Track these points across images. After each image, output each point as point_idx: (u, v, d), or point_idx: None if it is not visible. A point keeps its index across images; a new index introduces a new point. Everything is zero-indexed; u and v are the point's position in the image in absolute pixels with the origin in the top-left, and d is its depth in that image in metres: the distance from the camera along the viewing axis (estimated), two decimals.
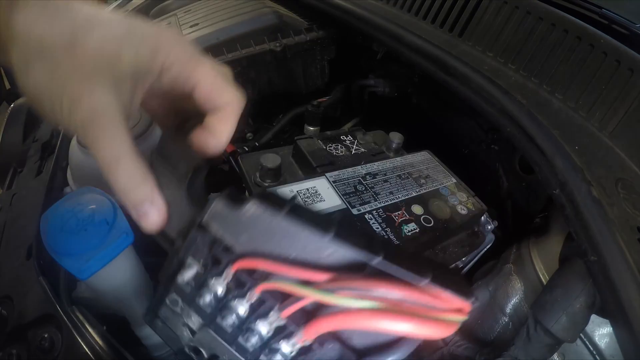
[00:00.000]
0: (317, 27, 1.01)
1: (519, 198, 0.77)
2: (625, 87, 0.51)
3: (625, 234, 0.42)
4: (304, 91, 1.07)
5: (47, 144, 0.78)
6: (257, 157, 0.56)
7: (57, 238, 0.42)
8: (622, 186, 0.47)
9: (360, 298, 0.24)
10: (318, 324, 0.25)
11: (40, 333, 0.44)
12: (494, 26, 0.64)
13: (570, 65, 0.55)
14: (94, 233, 0.43)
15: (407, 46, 0.71)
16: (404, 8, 0.80)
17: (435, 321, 0.25)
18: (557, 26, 0.58)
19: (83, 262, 0.42)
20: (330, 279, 0.26)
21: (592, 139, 0.51)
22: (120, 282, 0.51)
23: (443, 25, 0.72)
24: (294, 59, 0.98)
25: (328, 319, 0.25)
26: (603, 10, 0.76)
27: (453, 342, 0.48)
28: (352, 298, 0.24)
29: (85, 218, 0.44)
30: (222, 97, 0.33)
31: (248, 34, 0.92)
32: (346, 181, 0.55)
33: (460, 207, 0.56)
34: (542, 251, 0.60)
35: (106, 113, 0.26)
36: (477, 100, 0.59)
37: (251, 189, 0.55)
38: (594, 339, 0.51)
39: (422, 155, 0.66)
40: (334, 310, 0.25)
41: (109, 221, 0.44)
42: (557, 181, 0.48)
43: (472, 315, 0.32)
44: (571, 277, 0.47)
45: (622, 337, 0.41)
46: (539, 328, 0.46)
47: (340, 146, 0.63)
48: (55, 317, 0.45)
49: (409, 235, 0.49)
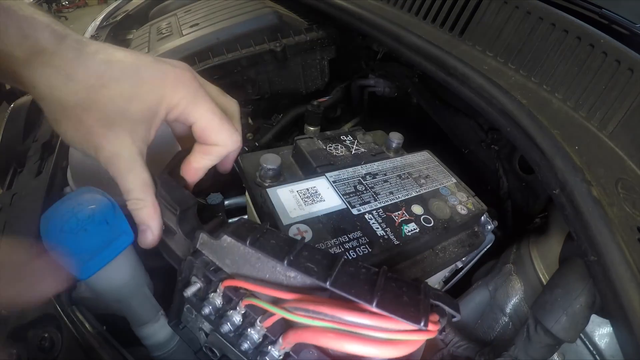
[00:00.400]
0: (317, 27, 1.01)
1: (519, 198, 0.77)
2: (625, 87, 0.51)
3: (625, 234, 0.42)
4: (304, 91, 1.07)
5: (47, 144, 0.78)
6: (257, 157, 0.56)
7: (57, 238, 0.42)
8: (622, 186, 0.47)
9: (311, 319, 0.29)
10: (290, 334, 0.30)
11: (40, 333, 0.44)
12: (494, 26, 0.64)
13: (570, 65, 0.55)
14: (94, 233, 0.43)
15: (407, 46, 0.71)
16: (404, 8, 0.80)
17: (386, 342, 0.28)
18: (557, 26, 0.58)
19: (83, 262, 0.42)
20: (296, 298, 0.31)
21: (592, 139, 0.51)
22: (120, 282, 0.51)
23: (443, 25, 0.72)
24: (293, 59, 0.98)
25: (296, 332, 0.30)
26: (603, 10, 0.76)
27: (453, 343, 0.48)
28: (305, 318, 0.29)
29: (85, 218, 0.44)
30: (211, 138, 0.39)
31: (248, 34, 0.92)
32: (346, 181, 0.55)
33: (460, 207, 0.56)
34: (542, 251, 0.60)
35: (124, 155, 0.34)
36: (477, 100, 0.59)
37: (251, 189, 0.55)
38: (594, 339, 0.51)
39: (422, 155, 0.66)
40: (299, 326, 0.30)
41: (109, 221, 0.44)
42: (557, 181, 0.48)
43: (449, 328, 0.34)
44: (571, 277, 0.47)
45: (622, 337, 0.41)
46: (539, 328, 0.46)
47: (340, 146, 0.63)
48: (55, 317, 0.45)
49: (409, 235, 0.49)
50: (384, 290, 0.29)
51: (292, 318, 0.30)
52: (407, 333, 0.28)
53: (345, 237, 0.46)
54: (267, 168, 0.53)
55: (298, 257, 0.32)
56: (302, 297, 0.31)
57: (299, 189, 0.52)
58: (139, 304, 0.54)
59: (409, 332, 0.28)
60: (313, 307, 0.30)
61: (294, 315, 0.30)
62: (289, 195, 0.50)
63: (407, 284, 0.32)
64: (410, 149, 0.68)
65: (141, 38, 1.02)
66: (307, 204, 0.49)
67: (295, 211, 0.48)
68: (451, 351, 0.49)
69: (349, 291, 0.29)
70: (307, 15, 1.09)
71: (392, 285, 0.31)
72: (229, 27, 0.91)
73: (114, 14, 1.48)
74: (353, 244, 0.46)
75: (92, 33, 1.35)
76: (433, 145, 0.71)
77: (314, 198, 0.51)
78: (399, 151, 0.66)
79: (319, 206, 0.50)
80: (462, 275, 0.65)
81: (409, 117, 1.13)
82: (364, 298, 0.28)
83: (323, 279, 0.29)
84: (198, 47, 0.89)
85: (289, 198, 0.50)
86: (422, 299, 0.30)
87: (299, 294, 0.31)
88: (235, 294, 0.33)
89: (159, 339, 0.56)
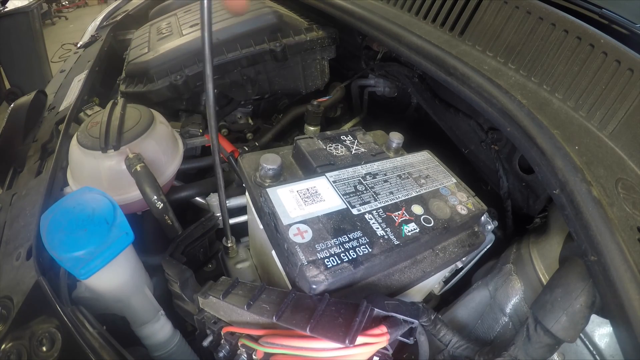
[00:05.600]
0: (317, 27, 1.01)
1: (519, 198, 0.77)
2: (625, 87, 0.51)
3: (625, 234, 0.42)
4: (304, 91, 1.07)
5: (47, 144, 0.78)
6: (257, 157, 0.56)
7: (57, 238, 0.42)
8: (622, 186, 0.47)
9: (273, 348, 0.38)
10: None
11: (40, 332, 0.44)
12: (494, 26, 0.64)
13: (570, 65, 0.55)
14: (94, 233, 0.43)
15: (407, 46, 0.71)
16: (404, 8, 0.80)
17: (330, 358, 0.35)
18: (557, 26, 0.57)
19: (83, 262, 0.42)
20: (265, 333, 0.40)
21: (592, 139, 0.51)
22: (120, 282, 0.51)
23: (443, 25, 0.72)
24: (293, 58, 0.98)
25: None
26: (603, 10, 0.76)
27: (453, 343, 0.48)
28: (270, 349, 0.38)
29: (85, 218, 0.44)
30: None
31: (248, 33, 0.92)
32: (346, 181, 0.55)
33: (460, 207, 0.56)
34: (542, 251, 0.60)
35: None
36: (477, 100, 0.59)
37: (251, 189, 0.55)
38: (594, 339, 0.51)
39: (422, 155, 0.65)
40: (274, 355, 0.39)
41: (109, 221, 0.44)
42: (557, 181, 0.48)
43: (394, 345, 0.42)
44: (571, 277, 0.47)
45: (622, 337, 0.41)
46: (539, 328, 0.46)
47: (340, 146, 0.63)
48: (55, 317, 0.45)
49: (409, 235, 0.49)
50: (322, 315, 0.37)
51: (262, 349, 0.39)
52: (341, 350, 0.35)
53: (345, 237, 0.46)
54: (267, 168, 0.53)
55: (256, 301, 0.41)
56: (269, 331, 0.39)
57: (299, 188, 0.52)
58: (139, 303, 0.54)
59: (341, 349, 0.35)
60: (271, 339, 0.38)
61: (263, 348, 0.39)
62: (289, 195, 0.50)
63: (347, 307, 0.38)
64: (410, 149, 0.68)
65: (141, 38, 1.02)
66: (307, 203, 0.49)
67: (295, 211, 0.48)
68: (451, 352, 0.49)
69: (291, 322, 0.36)
70: (307, 15, 1.09)
71: (332, 309, 0.38)
72: (229, 27, 0.91)
73: (114, 14, 1.49)
74: (353, 244, 0.46)
75: (92, 33, 1.35)
76: (433, 145, 0.71)
77: (314, 198, 0.51)
78: (399, 151, 0.66)
79: (319, 206, 0.49)
80: (462, 275, 0.65)
81: (409, 117, 1.13)
82: (300, 325, 0.35)
83: (271, 316, 0.38)
84: (198, 47, 0.88)
85: (289, 198, 0.50)
86: (358, 318, 0.35)
87: (268, 329, 0.40)
88: (232, 337, 0.44)
89: (159, 338, 0.56)
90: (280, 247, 0.47)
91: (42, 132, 0.83)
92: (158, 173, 0.65)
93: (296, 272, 0.43)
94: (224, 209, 0.62)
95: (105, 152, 0.60)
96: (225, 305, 0.44)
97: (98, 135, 0.61)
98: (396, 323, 0.38)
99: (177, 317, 0.58)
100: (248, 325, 0.42)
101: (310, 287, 0.41)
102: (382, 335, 0.36)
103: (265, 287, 0.43)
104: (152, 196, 0.58)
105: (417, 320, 0.40)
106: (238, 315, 0.43)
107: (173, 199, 0.74)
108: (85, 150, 0.61)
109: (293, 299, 0.39)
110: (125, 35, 1.33)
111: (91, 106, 0.87)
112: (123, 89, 0.90)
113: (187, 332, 0.63)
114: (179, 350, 0.58)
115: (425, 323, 0.44)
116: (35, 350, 0.43)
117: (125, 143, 0.62)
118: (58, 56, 3.76)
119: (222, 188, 0.57)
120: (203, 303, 0.48)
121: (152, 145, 0.65)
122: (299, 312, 0.37)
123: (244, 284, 0.46)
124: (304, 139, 0.62)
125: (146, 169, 0.58)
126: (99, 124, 0.63)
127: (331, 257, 0.43)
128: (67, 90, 0.97)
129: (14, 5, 2.41)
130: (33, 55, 2.55)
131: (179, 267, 0.53)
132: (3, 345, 0.43)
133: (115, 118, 0.65)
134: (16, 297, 0.47)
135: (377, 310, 0.37)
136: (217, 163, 0.54)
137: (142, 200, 0.59)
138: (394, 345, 0.40)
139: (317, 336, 0.35)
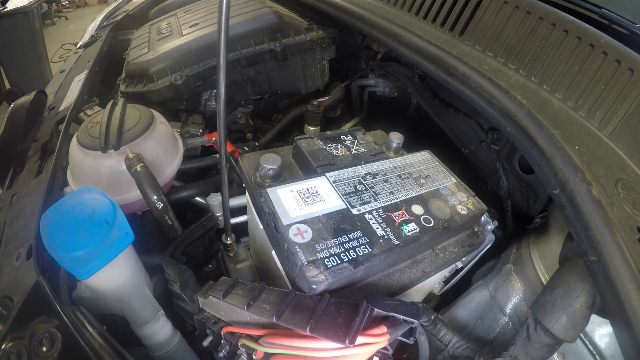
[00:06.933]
0: (317, 27, 1.01)
1: (519, 198, 0.77)
2: (625, 87, 0.51)
3: (625, 234, 0.42)
4: (304, 91, 1.07)
5: (47, 144, 0.78)
6: (257, 157, 0.56)
7: (57, 238, 0.42)
8: (622, 186, 0.47)
9: (273, 348, 0.38)
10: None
11: (40, 332, 0.44)
12: (494, 26, 0.64)
13: (570, 65, 0.55)
14: (94, 233, 0.43)
15: (407, 46, 0.71)
16: (404, 8, 0.80)
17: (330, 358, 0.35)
18: (557, 26, 0.57)
19: (83, 262, 0.42)
20: (265, 333, 0.40)
21: (592, 139, 0.51)
22: (120, 282, 0.51)
23: (443, 25, 0.72)
24: (293, 58, 0.98)
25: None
26: (603, 10, 0.76)
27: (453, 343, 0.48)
28: (271, 349, 0.38)
29: (85, 218, 0.44)
30: None
31: (248, 33, 0.92)
32: (346, 181, 0.55)
33: (460, 207, 0.56)
34: (542, 251, 0.60)
35: None
36: (477, 100, 0.59)
37: (251, 189, 0.55)
38: (594, 339, 0.51)
39: (422, 155, 0.65)
40: (274, 355, 0.39)
41: (109, 221, 0.44)
42: (557, 181, 0.48)
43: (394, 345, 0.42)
44: (571, 277, 0.47)
45: (622, 337, 0.41)
46: (539, 328, 0.46)
47: (340, 146, 0.63)
48: (55, 317, 0.45)
49: (409, 235, 0.49)
50: (322, 315, 0.36)
51: (262, 349, 0.39)
52: (341, 350, 0.35)
53: (345, 237, 0.46)
54: (267, 168, 0.53)
55: (256, 301, 0.41)
56: (268, 331, 0.39)
57: (299, 188, 0.52)
58: (139, 303, 0.54)
59: (341, 349, 0.35)
60: (271, 339, 0.38)
61: (263, 348, 0.39)
62: (289, 195, 0.50)
63: (347, 306, 0.38)
64: (410, 149, 0.68)
65: (141, 38, 1.02)
66: (307, 203, 0.49)
67: (296, 211, 0.48)
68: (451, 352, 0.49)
69: (291, 322, 0.36)
70: (307, 15, 1.09)
71: (332, 309, 0.38)
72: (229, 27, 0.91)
73: (114, 13, 1.49)
74: (353, 244, 0.46)
75: (92, 33, 1.35)
76: (433, 145, 0.71)
77: (314, 198, 0.51)
78: (399, 151, 0.66)
79: (319, 206, 0.49)
80: (462, 275, 0.65)
81: (409, 117, 1.13)
82: (300, 325, 0.35)
83: (271, 316, 0.38)
84: (198, 47, 0.89)
85: (289, 198, 0.50)
86: (358, 318, 0.35)
87: (267, 329, 0.40)
88: (232, 337, 0.44)
89: (159, 338, 0.56)
90: (280, 247, 0.47)
91: (42, 132, 0.82)
92: (158, 173, 0.65)
93: (296, 272, 0.43)
94: (227, 205, 0.61)
95: (105, 152, 0.60)
96: (225, 305, 0.44)
97: (98, 135, 0.61)
98: (396, 323, 0.38)
99: (177, 317, 0.58)
100: (248, 325, 0.43)
101: (310, 287, 0.41)
102: (382, 335, 0.36)
103: (265, 287, 0.43)
104: (152, 196, 0.58)
105: (417, 320, 0.40)
106: (238, 315, 0.43)
107: (173, 199, 0.74)
108: (85, 150, 0.61)
109: (293, 299, 0.39)
110: (125, 35, 1.33)
111: (91, 106, 0.87)
112: (123, 89, 0.90)
113: (187, 332, 0.63)
114: (179, 350, 0.58)
115: (425, 323, 0.44)
116: (35, 350, 0.43)
117: (125, 143, 0.62)
118: (58, 56, 3.76)
119: (225, 182, 0.56)
120: (203, 303, 0.48)
121: (152, 145, 0.65)
122: (299, 312, 0.37)
123: (244, 284, 0.46)
124: (304, 139, 0.62)
125: (146, 169, 0.58)
126: (99, 124, 0.63)
127: (331, 257, 0.43)
128: (67, 90, 0.97)
129: (14, 5, 2.41)
130: (33, 55, 2.55)
131: (179, 267, 0.53)
132: (3, 345, 0.43)
133: (115, 118, 0.65)
134: (16, 297, 0.47)
135: (377, 310, 0.37)
136: (222, 157, 0.53)
137: (142, 200, 0.59)
138: (394, 345, 0.40)
139: (317, 336, 0.35)
